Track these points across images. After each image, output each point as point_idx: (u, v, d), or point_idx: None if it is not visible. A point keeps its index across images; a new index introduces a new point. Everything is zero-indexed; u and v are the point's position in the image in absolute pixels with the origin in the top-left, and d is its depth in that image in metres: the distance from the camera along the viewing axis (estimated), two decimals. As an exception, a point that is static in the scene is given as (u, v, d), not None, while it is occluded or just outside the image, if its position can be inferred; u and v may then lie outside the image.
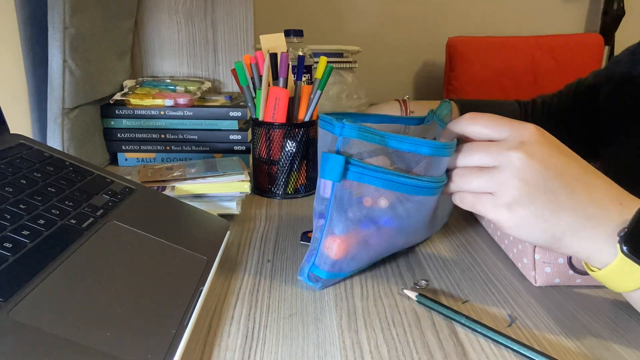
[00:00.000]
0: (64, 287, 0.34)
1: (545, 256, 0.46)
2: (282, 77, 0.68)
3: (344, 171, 0.41)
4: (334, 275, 0.46)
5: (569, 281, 0.47)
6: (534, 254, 0.46)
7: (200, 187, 0.60)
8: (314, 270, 0.45)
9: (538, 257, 0.46)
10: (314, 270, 0.45)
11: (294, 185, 0.71)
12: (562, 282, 0.47)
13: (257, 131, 0.70)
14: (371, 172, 0.41)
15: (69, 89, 0.71)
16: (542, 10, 2.17)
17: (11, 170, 0.44)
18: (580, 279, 0.47)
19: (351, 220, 0.43)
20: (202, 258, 0.45)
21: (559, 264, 0.46)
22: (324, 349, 0.37)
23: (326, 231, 0.44)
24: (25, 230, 0.37)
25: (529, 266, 0.47)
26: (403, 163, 0.42)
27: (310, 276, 0.46)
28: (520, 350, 0.36)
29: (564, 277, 0.47)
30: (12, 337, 0.28)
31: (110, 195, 0.49)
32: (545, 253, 0.46)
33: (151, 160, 0.86)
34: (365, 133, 0.41)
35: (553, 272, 0.46)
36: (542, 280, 0.47)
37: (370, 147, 0.42)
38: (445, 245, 0.56)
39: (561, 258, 0.46)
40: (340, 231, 0.44)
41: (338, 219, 0.43)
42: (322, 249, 0.45)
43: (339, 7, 2.13)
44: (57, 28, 0.67)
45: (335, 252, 0.44)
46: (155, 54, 1.02)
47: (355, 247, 0.45)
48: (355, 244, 0.44)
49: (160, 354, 0.31)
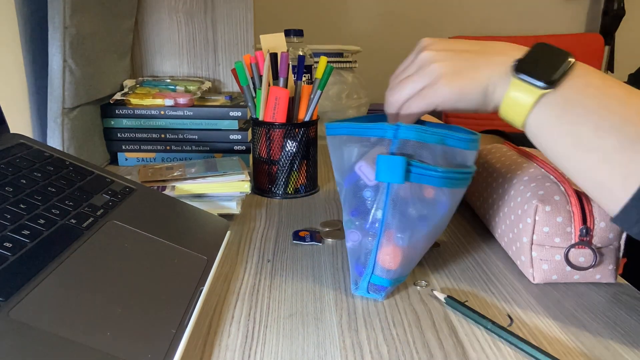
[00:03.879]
0: (64, 287, 0.34)
1: (542, 253, 0.46)
2: (282, 77, 0.68)
3: (406, 173, 0.41)
4: (397, 282, 0.45)
5: (566, 278, 0.47)
6: (531, 251, 0.47)
7: (200, 187, 0.60)
8: (375, 281, 0.44)
9: (535, 254, 0.47)
10: (375, 280, 0.44)
11: (294, 185, 0.71)
12: (559, 278, 0.47)
13: (257, 131, 0.70)
14: (429, 171, 0.41)
15: (69, 88, 0.71)
16: (542, 10, 2.17)
17: (11, 170, 0.44)
18: (577, 275, 0.47)
19: (408, 220, 0.43)
20: (202, 258, 0.45)
21: (555, 260, 0.46)
22: (324, 349, 0.37)
23: (383, 236, 0.43)
24: (26, 230, 0.37)
25: (527, 263, 0.48)
26: (445, 159, 0.42)
27: (370, 288, 0.44)
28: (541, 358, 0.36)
29: (561, 274, 0.47)
30: (12, 337, 0.28)
31: (110, 195, 0.49)
32: (542, 250, 0.46)
33: (151, 160, 0.86)
34: (423, 134, 0.41)
35: (550, 269, 0.46)
36: (539, 277, 0.47)
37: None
38: (445, 245, 0.56)
39: (558, 255, 0.46)
40: (399, 232, 0.43)
41: (396, 220, 0.42)
42: (380, 257, 0.43)
43: (339, 7, 2.13)
44: (57, 28, 0.67)
45: (394, 258, 0.43)
46: (155, 54, 1.02)
47: (413, 248, 0.44)
48: (413, 244, 0.44)
49: (160, 354, 0.31)
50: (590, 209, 0.45)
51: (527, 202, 0.47)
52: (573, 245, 0.45)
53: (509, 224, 0.51)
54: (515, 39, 2.02)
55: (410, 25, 2.18)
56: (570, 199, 0.46)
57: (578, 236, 0.45)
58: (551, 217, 0.45)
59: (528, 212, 0.47)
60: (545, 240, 0.46)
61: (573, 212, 0.45)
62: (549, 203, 0.46)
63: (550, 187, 0.47)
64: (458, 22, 2.18)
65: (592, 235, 0.45)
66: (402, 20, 2.17)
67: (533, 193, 0.47)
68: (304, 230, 0.58)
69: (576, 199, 0.45)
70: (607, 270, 0.47)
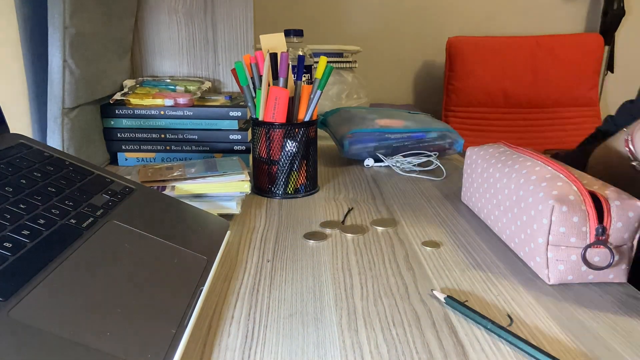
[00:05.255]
0: (64, 286, 0.34)
1: (558, 254, 0.46)
2: (282, 77, 0.68)
3: None
4: None
5: (581, 278, 0.47)
6: (547, 252, 0.46)
7: (200, 187, 0.60)
8: None
9: (551, 255, 0.46)
10: None
11: (294, 185, 0.71)
12: (574, 279, 0.47)
13: (257, 131, 0.70)
14: None
15: (69, 88, 0.71)
16: (542, 10, 2.17)
17: (11, 170, 0.44)
18: (592, 275, 0.46)
19: None
20: (202, 258, 0.45)
21: (571, 261, 0.46)
22: (324, 349, 0.37)
23: None
24: (25, 230, 0.37)
25: (542, 264, 0.47)
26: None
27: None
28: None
29: (576, 274, 0.46)
30: (12, 337, 0.28)
31: (110, 195, 0.49)
32: (558, 251, 0.46)
33: (151, 160, 0.86)
34: None
35: (566, 269, 0.46)
36: (555, 278, 0.47)
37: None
38: (445, 245, 0.56)
39: (574, 255, 0.46)
40: None
41: None
42: None
43: (339, 7, 2.13)
44: (57, 27, 0.67)
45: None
46: (155, 54, 1.02)
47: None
48: None
49: (160, 354, 0.31)
50: (609, 207, 0.45)
51: (542, 203, 0.46)
52: (590, 245, 0.45)
53: (520, 225, 0.50)
54: (515, 39, 2.02)
55: (410, 25, 2.18)
56: (584, 199, 0.45)
57: (594, 236, 0.45)
58: (567, 217, 0.45)
59: (544, 213, 0.46)
60: (562, 241, 0.46)
61: (588, 211, 0.45)
62: (565, 203, 0.45)
63: (563, 186, 0.47)
64: (458, 22, 2.18)
65: (608, 235, 0.45)
66: (402, 20, 2.17)
67: (546, 193, 0.46)
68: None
69: (590, 199, 0.45)
70: (621, 270, 0.47)
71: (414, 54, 2.22)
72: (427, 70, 2.26)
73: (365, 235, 0.58)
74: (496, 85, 2.03)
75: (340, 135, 0.88)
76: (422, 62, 2.25)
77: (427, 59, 2.24)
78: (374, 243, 0.56)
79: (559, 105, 2.08)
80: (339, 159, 0.94)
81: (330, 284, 0.47)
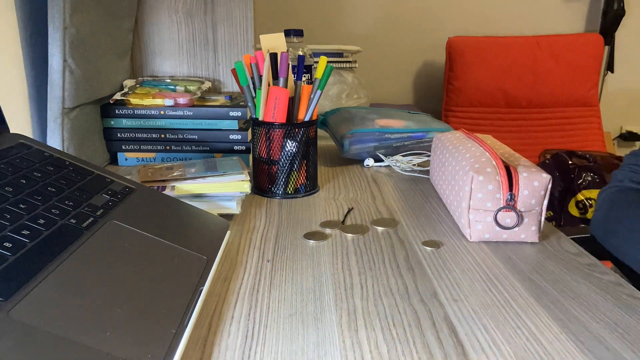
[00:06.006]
0: (64, 287, 0.34)
1: (477, 216, 0.56)
2: (282, 77, 0.68)
3: None
4: None
5: (497, 237, 0.56)
6: (469, 214, 0.56)
7: (200, 187, 0.60)
8: None
9: (471, 216, 0.56)
10: None
11: (294, 185, 0.71)
12: (491, 237, 0.56)
13: (257, 131, 0.70)
14: None
15: (69, 88, 0.71)
16: (542, 10, 2.17)
17: (11, 170, 0.44)
18: (506, 234, 0.56)
19: None
20: (202, 258, 0.45)
21: (487, 222, 0.56)
22: (324, 349, 0.37)
23: None
24: (25, 230, 0.37)
25: (465, 224, 0.57)
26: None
27: None
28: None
29: (492, 233, 0.56)
30: (12, 337, 0.28)
31: (110, 195, 0.49)
32: (477, 213, 0.56)
33: (151, 160, 0.86)
34: None
35: (483, 229, 0.56)
36: (475, 236, 0.57)
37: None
38: (445, 245, 0.56)
39: (489, 217, 0.55)
40: None
41: None
42: None
43: (339, 7, 2.13)
44: (57, 27, 0.67)
45: None
46: (155, 54, 1.02)
47: None
48: None
49: (160, 354, 0.31)
50: (517, 178, 0.54)
51: (466, 174, 0.57)
52: (501, 209, 0.55)
53: (454, 193, 0.61)
54: (515, 39, 2.02)
55: (410, 25, 2.18)
56: (500, 171, 0.55)
57: (505, 201, 0.54)
58: (484, 185, 0.55)
59: (466, 182, 0.56)
60: (479, 205, 0.56)
61: (501, 181, 0.54)
62: (482, 174, 0.55)
63: (485, 162, 0.57)
64: (458, 22, 2.18)
65: (516, 201, 0.54)
66: (402, 20, 2.17)
67: (470, 167, 0.57)
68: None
69: (504, 171, 0.55)
70: (530, 230, 0.56)
71: (414, 54, 2.22)
72: (427, 70, 2.26)
73: (365, 235, 0.58)
74: (496, 85, 2.03)
75: (340, 135, 0.88)
76: (422, 62, 2.24)
77: (427, 59, 2.24)
78: (374, 243, 0.56)
79: (559, 105, 2.08)
80: (339, 159, 0.94)
81: (330, 284, 0.47)
